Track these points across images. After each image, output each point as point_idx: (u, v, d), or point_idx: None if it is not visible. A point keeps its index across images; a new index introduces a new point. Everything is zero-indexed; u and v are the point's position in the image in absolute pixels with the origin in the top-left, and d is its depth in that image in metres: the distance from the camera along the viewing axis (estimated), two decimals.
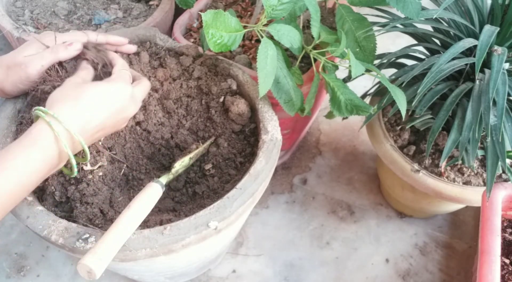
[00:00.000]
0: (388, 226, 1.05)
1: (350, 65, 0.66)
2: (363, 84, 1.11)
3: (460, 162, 0.82)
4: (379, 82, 0.86)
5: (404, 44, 0.88)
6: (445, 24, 0.80)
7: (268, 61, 0.62)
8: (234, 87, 0.72)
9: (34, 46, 0.63)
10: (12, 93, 0.64)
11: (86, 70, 0.62)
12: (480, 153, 0.83)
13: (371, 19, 0.78)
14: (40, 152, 0.50)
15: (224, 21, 0.62)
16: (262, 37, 0.64)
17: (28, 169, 0.49)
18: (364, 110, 0.70)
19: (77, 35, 0.66)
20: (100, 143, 0.63)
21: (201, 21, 0.62)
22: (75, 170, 0.55)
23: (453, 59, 0.70)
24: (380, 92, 0.89)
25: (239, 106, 0.68)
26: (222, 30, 0.62)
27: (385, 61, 0.83)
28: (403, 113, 0.68)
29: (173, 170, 0.63)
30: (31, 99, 0.68)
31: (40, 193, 0.63)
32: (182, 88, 0.71)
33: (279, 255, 1.00)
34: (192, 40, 0.94)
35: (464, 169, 0.85)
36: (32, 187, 0.51)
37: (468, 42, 0.71)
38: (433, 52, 0.84)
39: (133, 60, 0.71)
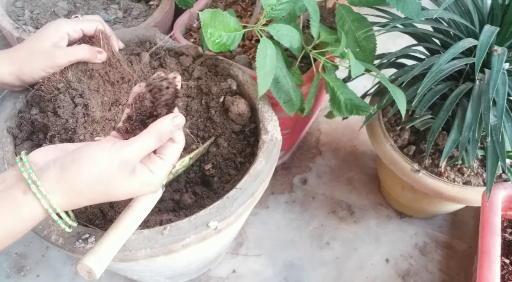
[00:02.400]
0: (388, 226, 1.05)
1: (350, 65, 0.66)
2: (363, 84, 1.11)
3: (460, 162, 0.82)
4: (379, 82, 0.86)
5: (404, 44, 0.88)
6: (445, 24, 0.80)
7: (267, 61, 0.62)
8: (234, 87, 0.72)
9: (58, 34, 0.63)
10: (29, 80, 0.63)
11: (140, 144, 0.47)
12: (480, 153, 0.83)
13: (371, 19, 0.78)
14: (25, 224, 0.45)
15: (223, 21, 0.62)
16: (261, 37, 0.64)
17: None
18: (364, 110, 0.70)
19: (94, 21, 0.67)
20: None
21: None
22: (65, 226, 0.49)
23: (453, 59, 0.70)
24: (380, 92, 0.89)
25: (239, 106, 0.68)
26: (221, 30, 0.62)
27: (385, 61, 0.83)
28: (403, 113, 0.68)
29: (173, 170, 0.63)
30: (31, 99, 0.68)
31: None
32: (182, 88, 0.71)
33: (279, 255, 1.00)
34: (192, 40, 0.94)
35: (464, 169, 0.85)
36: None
37: (468, 42, 0.70)
38: (433, 52, 0.84)
39: (133, 61, 0.71)
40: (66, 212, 0.47)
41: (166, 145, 0.51)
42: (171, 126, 0.49)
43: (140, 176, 0.47)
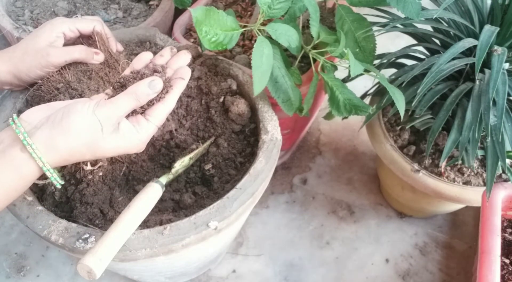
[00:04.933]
0: (388, 226, 1.05)
1: (349, 65, 0.66)
2: (363, 84, 1.11)
3: (460, 162, 0.82)
4: (379, 82, 0.86)
5: (404, 44, 0.88)
6: (445, 24, 0.80)
7: (264, 60, 0.62)
8: (234, 87, 0.72)
9: (54, 33, 0.63)
10: (27, 79, 0.63)
11: (126, 103, 0.52)
12: (480, 153, 0.83)
13: (371, 19, 0.78)
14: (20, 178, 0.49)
15: (218, 19, 0.62)
16: (259, 36, 0.64)
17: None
18: (363, 110, 0.70)
19: (92, 21, 0.67)
20: None
21: None
22: (57, 182, 0.52)
23: (453, 59, 0.70)
24: (380, 92, 0.89)
25: (239, 106, 0.68)
26: (217, 28, 0.62)
27: (385, 61, 0.83)
28: (402, 113, 0.68)
29: (173, 170, 0.63)
30: (31, 99, 0.68)
31: (40, 193, 0.63)
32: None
33: (279, 255, 1.00)
34: (192, 40, 0.94)
35: (464, 169, 0.85)
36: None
37: (468, 42, 0.70)
38: (433, 52, 0.84)
39: None
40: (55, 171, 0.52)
41: (154, 106, 0.55)
42: (147, 90, 0.53)
43: (124, 132, 0.52)
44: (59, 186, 0.53)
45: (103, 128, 0.50)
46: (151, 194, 0.57)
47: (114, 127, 0.51)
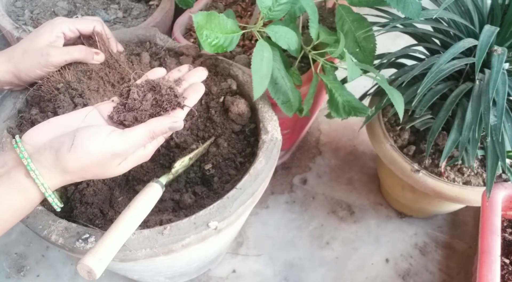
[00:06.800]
0: (388, 226, 1.05)
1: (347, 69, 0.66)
2: (363, 84, 1.11)
3: (460, 162, 0.82)
4: None
5: (404, 44, 0.88)
6: (445, 24, 0.80)
7: (264, 64, 0.62)
8: (234, 87, 0.72)
9: (54, 33, 0.63)
10: (26, 78, 0.63)
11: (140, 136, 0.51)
12: (480, 153, 0.83)
13: (371, 19, 0.78)
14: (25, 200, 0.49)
15: (219, 23, 0.62)
16: (261, 38, 0.64)
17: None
18: (362, 112, 0.70)
19: (92, 21, 0.67)
20: None
21: None
22: (57, 206, 0.52)
23: (453, 59, 0.70)
24: (380, 92, 0.89)
25: (239, 106, 0.68)
26: (218, 32, 0.62)
27: (385, 61, 0.83)
28: (401, 115, 0.68)
29: (173, 170, 0.63)
30: (31, 99, 0.68)
31: None
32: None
33: (279, 255, 1.00)
34: (192, 40, 0.94)
35: (464, 169, 0.85)
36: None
37: (468, 42, 0.70)
38: (433, 52, 0.84)
39: (133, 61, 0.71)
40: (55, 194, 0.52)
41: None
42: (166, 129, 0.52)
43: (133, 156, 0.52)
44: (58, 210, 0.52)
45: (116, 159, 0.50)
46: (151, 194, 0.57)
47: (124, 158, 0.51)
